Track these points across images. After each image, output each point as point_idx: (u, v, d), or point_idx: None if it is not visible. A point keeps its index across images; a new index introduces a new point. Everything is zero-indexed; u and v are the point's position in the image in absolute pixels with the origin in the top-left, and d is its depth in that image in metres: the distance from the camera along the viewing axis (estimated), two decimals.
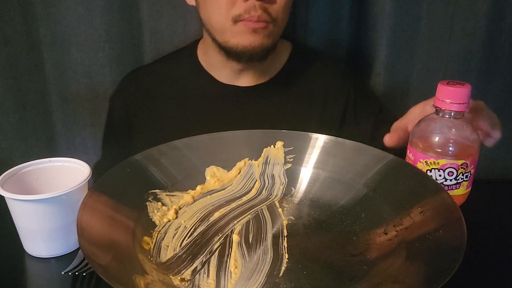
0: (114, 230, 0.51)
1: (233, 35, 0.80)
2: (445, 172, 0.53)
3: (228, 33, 0.80)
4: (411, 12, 1.02)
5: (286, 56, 0.93)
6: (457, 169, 0.52)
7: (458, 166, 0.52)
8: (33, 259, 0.58)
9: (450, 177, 0.53)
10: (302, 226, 0.58)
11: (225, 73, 0.90)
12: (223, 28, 0.80)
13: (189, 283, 0.49)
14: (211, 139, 0.67)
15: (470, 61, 1.06)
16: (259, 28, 0.78)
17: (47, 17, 0.93)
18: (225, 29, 0.80)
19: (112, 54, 0.97)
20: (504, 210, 0.71)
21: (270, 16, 0.79)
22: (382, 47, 1.02)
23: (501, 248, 0.62)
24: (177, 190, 0.62)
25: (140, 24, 0.98)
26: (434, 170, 0.53)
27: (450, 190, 0.52)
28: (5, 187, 0.57)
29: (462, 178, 0.52)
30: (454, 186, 0.53)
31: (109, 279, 0.41)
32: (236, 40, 0.80)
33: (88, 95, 1.00)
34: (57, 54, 0.96)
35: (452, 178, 0.53)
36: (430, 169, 0.54)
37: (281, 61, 0.93)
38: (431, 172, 0.53)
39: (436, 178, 0.53)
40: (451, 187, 0.53)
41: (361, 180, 0.62)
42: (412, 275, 0.45)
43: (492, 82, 1.10)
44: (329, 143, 0.66)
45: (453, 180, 0.53)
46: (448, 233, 0.48)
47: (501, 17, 1.04)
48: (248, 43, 0.80)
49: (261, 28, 0.79)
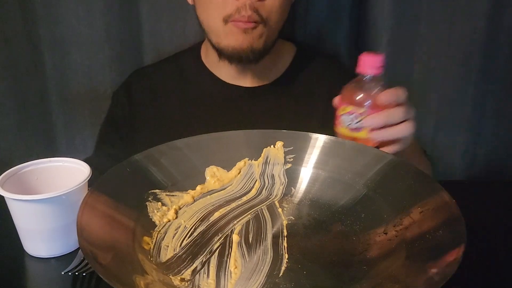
0: (114, 230, 0.51)
1: (225, 35, 0.81)
2: (350, 116, 0.67)
3: (220, 34, 0.81)
4: (410, 12, 1.02)
5: (290, 57, 0.94)
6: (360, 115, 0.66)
7: (359, 114, 0.66)
8: (33, 259, 0.58)
9: (355, 121, 0.67)
10: (302, 226, 0.58)
11: (227, 73, 0.90)
12: (216, 29, 0.81)
13: (189, 283, 0.49)
14: (211, 139, 0.67)
15: (470, 61, 1.07)
16: (249, 29, 0.79)
17: (47, 17, 0.93)
18: (218, 29, 0.81)
19: (112, 54, 0.97)
20: (504, 210, 0.71)
21: (261, 17, 0.79)
22: (382, 47, 1.03)
23: (501, 248, 0.62)
24: (177, 190, 0.62)
25: (139, 25, 0.98)
26: (345, 115, 0.67)
27: (356, 132, 0.66)
28: (5, 187, 0.57)
29: (357, 124, 0.66)
30: (358, 129, 0.66)
31: (109, 279, 0.41)
32: (227, 41, 0.81)
33: (88, 95, 1.00)
34: (57, 54, 0.96)
35: (356, 121, 0.67)
36: (341, 114, 0.68)
37: (285, 63, 0.93)
38: (342, 116, 0.67)
39: (345, 121, 0.67)
40: (357, 130, 0.66)
41: (361, 180, 0.62)
42: (412, 275, 0.45)
43: (492, 82, 1.10)
44: (329, 143, 0.66)
45: (357, 124, 0.66)
46: (448, 233, 0.48)
47: (501, 17, 1.04)
48: (237, 43, 0.80)
49: (251, 29, 0.79)
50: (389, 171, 0.61)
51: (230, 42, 0.81)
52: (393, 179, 0.59)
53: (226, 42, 0.81)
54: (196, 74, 0.92)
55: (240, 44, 0.80)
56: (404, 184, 0.58)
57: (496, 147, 1.16)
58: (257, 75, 0.90)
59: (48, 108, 1.00)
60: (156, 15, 0.97)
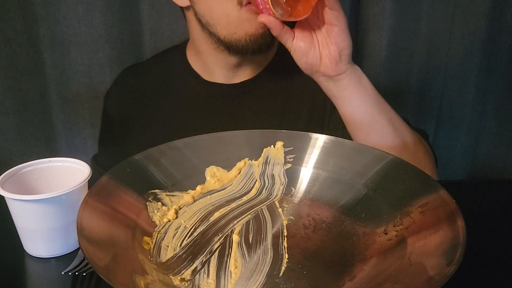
0: (114, 230, 0.51)
1: (240, 23, 0.77)
2: None
3: (234, 23, 0.78)
4: (411, 12, 1.02)
5: (274, 50, 0.91)
6: None
7: None
8: (33, 259, 0.58)
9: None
10: (302, 226, 0.58)
11: (217, 73, 0.89)
12: (228, 17, 0.78)
13: (189, 283, 0.49)
14: (211, 139, 0.67)
15: (470, 61, 1.07)
16: None
17: (47, 17, 0.93)
18: (231, 17, 0.77)
19: (112, 54, 0.98)
20: (504, 210, 0.71)
21: None
22: (382, 47, 1.03)
23: (501, 248, 0.62)
24: (177, 190, 0.62)
25: (140, 24, 0.98)
26: None
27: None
28: (5, 187, 0.57)
29: None
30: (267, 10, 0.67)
31: (109, 279, 0.41)
32: (243, 29, 0.78)
33: (88, 95, 1.00)
34: (57, 54, 0.96)
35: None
36: None
37: (269, 56, 0.91)
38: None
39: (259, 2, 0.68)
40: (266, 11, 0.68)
41: (361, 180, 0.62)
42: (412, 275, 0.45)
43: (492, 82, 1.10)
44: (329, 143, 0.66)
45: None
46: (448, 233, 0.48)
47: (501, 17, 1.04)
48: (256, 29, 0.77)
49: None
50: (389, 171, 0.60)
51: (247, 30, 0.78)
52: (393, 179, 0.59)
53: (242, 31, 0.78)
54: (180, 74, 0.91)
55: (257, 29, 0.77)
56: (404, 184, 0.57)
57: (496, 147, 1.16)
58: (249, 68, 0.89)
59: (48, 108, 1.00)
60: (156, 14, 0.97)
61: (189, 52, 0.92)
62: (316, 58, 0.72)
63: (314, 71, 0.74)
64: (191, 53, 0.91)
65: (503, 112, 1.13)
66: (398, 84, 1.07)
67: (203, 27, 0.82)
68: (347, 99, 0.75)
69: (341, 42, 0.71)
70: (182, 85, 0.91)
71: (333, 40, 0.71)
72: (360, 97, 0.74)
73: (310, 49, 0.72)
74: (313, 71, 0.74)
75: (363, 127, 0.76)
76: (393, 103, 1.07)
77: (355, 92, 0.74)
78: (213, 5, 0.79)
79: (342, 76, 0.73)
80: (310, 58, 0.72)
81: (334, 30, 0.70)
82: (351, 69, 0.73)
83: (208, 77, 0.90)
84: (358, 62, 1.05)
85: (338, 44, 0.71)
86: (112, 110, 0.94)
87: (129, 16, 0.97)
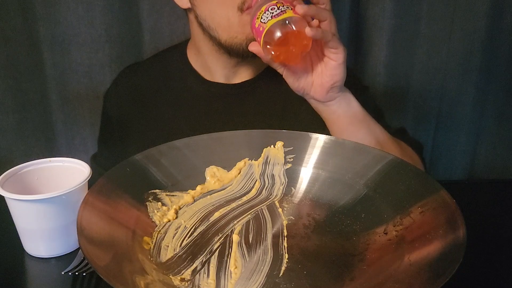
0: (114, 230, 0.51)
1: (241, 27, 0.77)
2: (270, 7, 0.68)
3: (235, 27, 0.78)
4: (411, 12, 1.02)
5: None
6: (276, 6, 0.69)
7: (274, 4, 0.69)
8: (33, 259, 0.58)
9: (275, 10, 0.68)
10: (302, 226, 0.58)
11: (218, 73, 0.89)
12: (229, 21, 0.78)
13: (189, 283, 0.49)
14: (211, 139, 0.67)
15: (470, 61, 1.07)
16: None
17: (47, 17, 0.93)
18: (232, 21, 0.77)
19: (112, 54, 0.97)
20: (504, 210, 0.71)
21: None
22: (382, 47, 1.03)
23: (501, 248, 0.62)
24: (177, 190, 0.62)
25: (140, 24, 0.98)
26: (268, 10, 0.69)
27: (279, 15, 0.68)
28: (5, 187, 0.57)
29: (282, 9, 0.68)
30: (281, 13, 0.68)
31: (109, 279, 0.41)
32: (245, 34, 0.78)
33: (88, 95, 1.00)
34: (57, 54, 0.96)
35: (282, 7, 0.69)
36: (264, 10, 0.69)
37: None
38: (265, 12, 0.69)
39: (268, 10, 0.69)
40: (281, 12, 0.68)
41: (361, 180, 0.62)
42: (412, 275, 0.45)
43: (492, 82, 1.10)
44: (329, 143, 0.66)
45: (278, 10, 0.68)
46: (448, 233, 0.48)
47: (501, 17, 1.04)
48: None
49: None
50: (389, 171, 0.61)
51: (247, 34, 0.77)
52: (393, 179, 0.59)
53: (243, 35, 0.78)
54: (181, 73, 0.91)
55: None
56: (404, 184, 0.58)
57: (496, 147, 1.16)
58: (247, 70, 0.88)
59: (48, 108, 1.00)
60: (156, 14, 0.97)
61: (189, 51, 0.92)
62: (308, 84, 0.74)
63: (305, 94, 0.76)
64: (192, 52, 0.91)
65: (503, 112, 1.13)
66: (398, 84, 1.07)
67: (204, 30, 0.83)
68: (336, 121, 0.77)
69: (336, 76, 0.72)
70: (182, 85, 0.91)
71: (329, 73, 0.72)
72: (348, 120, 0.76)
73: (303, 75, 0.74)
74: (304, 94, 0.76)
75: None
76: (393, 103, 1.08)
77: (343, 116, 0.76)
78: (214, 9, 0.79)
79: (332, 102, 0.75)
80: (302, 83, 0.74)
81: (332, 63, 0.71)
82: (341, 96, 0.75)
83: (209, 76, 0.90)
84: (358, 62, 1.06)
85: (333, 76, 0.72)
86: (111, 110, 0.93)
87: (129, 16, 0.97)
